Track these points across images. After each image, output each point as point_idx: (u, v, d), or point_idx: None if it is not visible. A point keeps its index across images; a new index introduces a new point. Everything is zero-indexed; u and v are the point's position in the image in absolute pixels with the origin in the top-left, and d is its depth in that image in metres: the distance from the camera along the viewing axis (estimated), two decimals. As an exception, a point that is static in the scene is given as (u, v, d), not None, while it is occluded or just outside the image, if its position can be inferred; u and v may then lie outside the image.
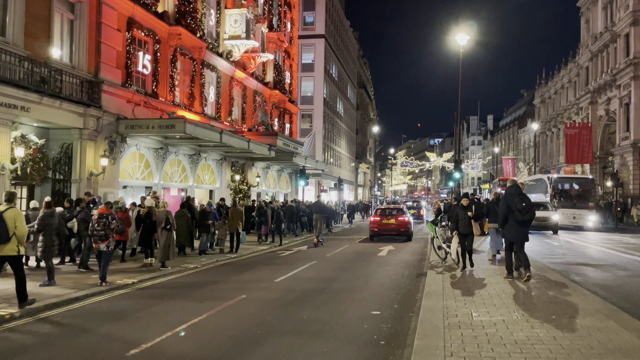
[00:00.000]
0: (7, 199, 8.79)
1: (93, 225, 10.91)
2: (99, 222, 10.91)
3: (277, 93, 32.33)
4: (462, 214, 11.98)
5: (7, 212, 8.46)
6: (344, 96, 63.70)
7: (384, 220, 22.79)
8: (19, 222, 8.46)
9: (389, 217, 22.97)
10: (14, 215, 8.47)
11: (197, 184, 23.33)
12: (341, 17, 62.19)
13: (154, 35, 19.69)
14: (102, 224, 10.93)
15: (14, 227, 8.39)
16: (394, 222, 22.66)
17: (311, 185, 50.12)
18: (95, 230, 10.86)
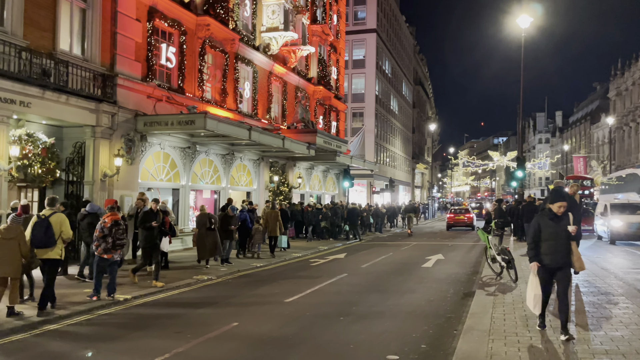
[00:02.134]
0: (49, 203, 9.06)
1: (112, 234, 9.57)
2: (117, 229, 9.61)
3: (322, 89, 30.47)
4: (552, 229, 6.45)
5: (53, 217, 8.81)
6: (398, 93, 61.01)
7: (456, 217, 33.66)
8: (64, 227, 8.88)
9: (459, 214, 34.06)
10: (60, 219, 8.87)
11: (231, 185, 21.86)
12: (395, 11, 59.60)
13: (180, 26, 18.34)
14: (122, 232, 9.70)
15: (60, 231, 8.75)
16: (463, 217, 33.53)
17: (362, 187, 48.07)
18: (118, 239, 9.62)
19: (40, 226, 8.66)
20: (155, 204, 12.28)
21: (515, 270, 10.76)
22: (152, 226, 11.54)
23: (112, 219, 9.85)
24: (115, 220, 9.81)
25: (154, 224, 11.59)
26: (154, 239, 11.57)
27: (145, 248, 11.59)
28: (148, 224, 11.60)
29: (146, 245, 11.58)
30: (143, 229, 11.71)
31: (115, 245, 9.69)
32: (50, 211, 8.93)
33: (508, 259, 10.93)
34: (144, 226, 11.67)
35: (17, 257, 8.22)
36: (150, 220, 11.67)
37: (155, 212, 11.87)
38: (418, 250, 19.67)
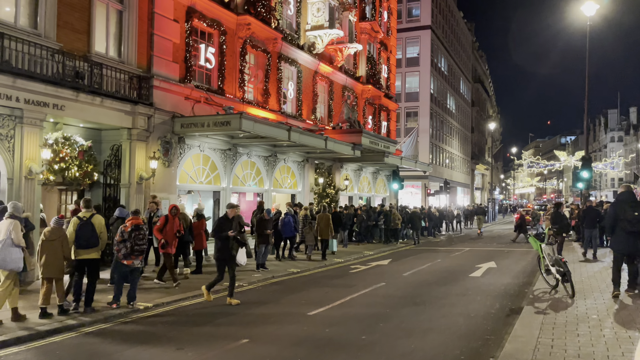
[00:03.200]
0: (86, 205, 9.39)
1: (131, 239, 9.24)
2: (137, 234, 9.28)
3: (371, 88, 29.51)
4: None
5: (94, 218, 9.14)
6: (455, 91, 58.86)
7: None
8: (103, 228, 9.27)
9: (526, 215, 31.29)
10: (100, 220, 9.24)
11: (274, 187, 21.38)
12: (451, 7, 57.57)
13: (219, 26, 18.04)
14: (142, 237, 9.35)
15: (100, 232, 9.10)
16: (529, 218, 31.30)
17: (417, 189, 46.60)
18: (137, 244, 9.27)
19: (86, 227, 9.01)
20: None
21: (571, 284, 9.49)
22: (227, 236, 9.96)
23: (133, 223, 9.51)
24: (135, 225, 9.46)
25: (231, 233, 9.95)
26: (230, 250, 10.13)
27: (219, 260, 10.14)
28: (224, 234, 9.98)
29: (220, 257, 10.10)
30: (217, 239, 10.14)
31: (133, 250, 9.32)
32: (89, 212, 9.27)
33: (563, 271, 9.66)
34: (218, 236, 10.07)
35: (60, 258, 8.60)
36: (225, 228, 10.02)
37: (231, 219, 10.21)
38: (469, 257, 18.37)
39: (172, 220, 12.07)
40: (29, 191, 11.83)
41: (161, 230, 11.94)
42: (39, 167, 11.94)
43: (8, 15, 11.75)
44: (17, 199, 11.55)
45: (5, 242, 7.90)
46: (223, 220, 10.22)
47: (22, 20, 12.04)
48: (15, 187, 11.60)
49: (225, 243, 10.00)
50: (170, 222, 12.03)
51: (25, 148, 11.71)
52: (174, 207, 12.32)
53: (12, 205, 8.44)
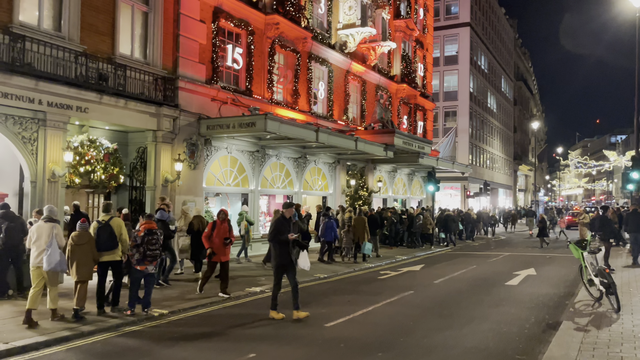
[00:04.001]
0: (105, 209, 9.50)
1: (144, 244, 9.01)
2: (150, 239, 9.04)
3: (406, 87, 28.73)
4: None
5: (113, 221, 9.24)
6: (496, 90, 57.04)
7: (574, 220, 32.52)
8: (124, 230, 9.34)
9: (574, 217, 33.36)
10: (119, 223, 9.30)
11: (304, 189, 20.98)
12: (491, 2, 55.83)
13: (247, 26, 17.79)
14: (155, 242, 9.09)
15: (119, 234, 9.18)
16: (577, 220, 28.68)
17: (456, 190, 45.37)
18: (149, 249, 9.03)
19: (105, 230, 9.13)
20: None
21: (617, 297, 8.63)
22: (287, 240, 8.84)
23: (146, 227, 9.24)
24: (148, 229, 9.19)
25: (291, 236, 8.82)
26: (289, 256, 8.95)
27: (278, 267, 9.00)
28: (283, 237, 8.83)
29: (280, 264, 8.96)
30: (276, 244, 8.97)
31: (146, 256, 9.05)
32: (107, 216, 9.35)
33: (608, 282, 8.80)
34: (277, 240, 8.90)
35: (90, 261, 8.83)
36: (284, 230, 8.87)
37: (288, 220, 9.15)
38: (507, 263, 17.42)
39: (219, 226, 10.86)
40: (52, 194, 11.80)
41: (209, 238, 10.77)
42: (62, 170, 11.90)
43: (32, 18, 11.76)
44: (41, 202, 11.55)
45: (51, 244, 8.27)
46: (280, 221, 9.02)
47: (46, 23, 12.05)
48: (38, 190, 11.59)
49: (284, 248, 8.84)
50: (218, 229, 10.81)
51: (49, 151, 11.69)
52: (222, 211, 11.20)
53: (48, 209, 8.74)
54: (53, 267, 8.24)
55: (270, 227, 9.18)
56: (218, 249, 10.74)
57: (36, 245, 8.38)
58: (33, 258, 8.42)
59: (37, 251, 8.35)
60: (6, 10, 10.98)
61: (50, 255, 8.20)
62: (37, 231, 8.45)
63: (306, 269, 9.42)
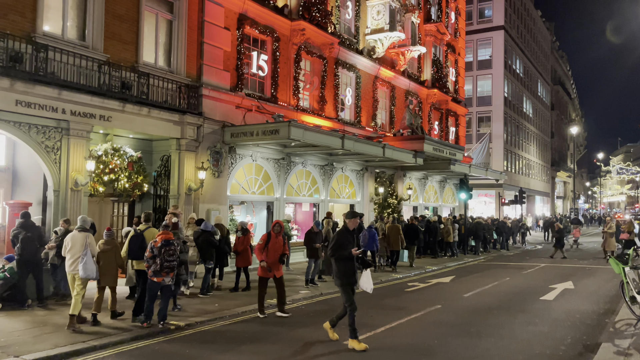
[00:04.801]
0: (145, 219, 10.07)
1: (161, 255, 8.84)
2: (167, 250, 8.87)
3: (437, 92, 28.08)
4: None
5: (147, 231, 9.84)
6: (532, 95, 55.46)
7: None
8: None
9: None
10: (153, 234, 9.67)
11: (331, 197, 20.60)
12: (527, 6, 54.41)
13: (272, 33, 17.63)
14: (172, 253, 8.92)
15: None
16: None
17: (490, 198, 44.21)
18: (167, 261, 8.86)
19: (135, 239, 9.67)
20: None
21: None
22: (350, 256, 7.80)
23: (163, 237, 9.04)
24: (166, 240, 8.99)
25: (355, 252, 7.77)
26: (355, 274, 7.90)
27: (345, 286, 7.81)
28: (346, 252, 7.72)
29: (346, 282, 7.79)
30: (338, 260, 7.85)
31: (163, 267, 8.84)
32: (145, 226, 9.98)
33: (652, 301, 8.09)
34: (339, 255, 7.80)
35: (114, 267, 9.20)
36: (347, 244, 7.77)
37: (352, 232, 8.04)
38: (543, 275, 16.60)
39: (274, 239, 9.99)
40: (75, 203, 11.81)
41: (262, 251, 9.98)
42: (85, 179, 11.90)
43: (56, 28, 11.85)
44: (64, 210, 11.59)
45: (85, 253, 8.72)
46: (343, 234, 7.91)
47: (70, 32, 12.13)
48: (61, 199, 11.62)
49: (349, 264, 7.78)
50: (272, 242, 9.96)
51: (72, 160, 11.72)
52: (277, 223, 10.27)
53: (81, 219, 9.21)
54: (88, 275, 8.69)
55: (331, 240, 8.07)
56: (273, 264, 9.91)
57: (70, 253, 8.88)
58: (68, 265, 8.95)
59: (72, 259, 8.85)
60: (30, 21, 11.08)
61: (85, 263, 8.67)
62: (72, 240, 8.94)
63: (368, 291, 8.06)
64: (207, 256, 12.08)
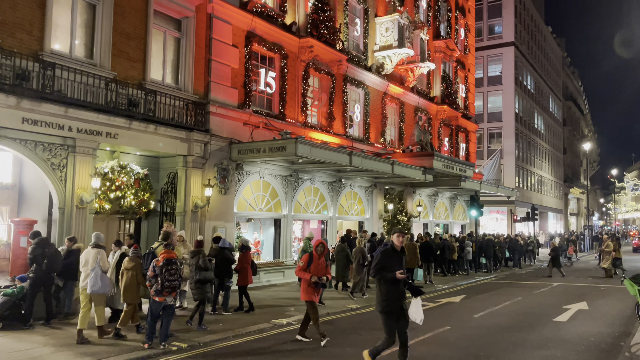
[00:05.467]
0: (164, 237, 9.96)
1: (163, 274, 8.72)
2: (169, 269, 8.74)
3: (446, 108, 27.92)
4: None
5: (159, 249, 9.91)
6: (544, 110, 55.10)
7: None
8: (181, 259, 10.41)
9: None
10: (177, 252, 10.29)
11: (339, 214, 20.41)
12: (537, 22, 54.35)
13: (280, 50, 17.66)
14: (174, 272, 8.79)
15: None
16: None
17: (502, 214, 43.72)
18: (168, 280, 8.72)
19: (148, 257, 10.07)
20: None
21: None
22: (394, 278, 6.89)
23: (165, 257, 8.92)
24: (167, 259, 8.86)
25: (400, 275, 6.87)
26: (400, 300, 7.04)
27: (388, 314, 7.04)
28: (390, 274, 6.90)
29: (389, 309, 7.02)
30: (381, 282, 7.03)
31: (164, 287, 8.70)
32: (157, 243, 10.39)
33: (669, 324, 7.77)
34: (381, 276, 6.97)
35: (133, 286, 9.33)
36: (392, 265, 6.95)
37: (399, 252, 7.19)
38: (556, 295, 16.19)
39: (317, 260, 9.24)
40: (80, 220, 11.75)
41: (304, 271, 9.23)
42: (90, 196, 11.85)
43: (64, 46, 11.93)
44: (69, 228, 11.53)
45: (95, 269, 9.05)
46: (387, 253, 7.06)
47: (77, 50, 12.19)
48: (66, 216, 11.56)
49: (393, 289, 6.94)
50: (315, 263, 9.21)
51: (77, 177, 11.68)
52: (321, 243, 9.40)
53: (95, 236, 9.52)
54: (95, 290, 9.02)
55: (374, 259, 7.18)
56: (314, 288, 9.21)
57: (84, 269, 9.24)
58: (81, 281, 9.31)
59: (84, 274, 9.20)
60: (38, 39, 11.15)
61: (92, 278, 9.01)
62: (85, 256, 9.31)
63: (418, 322, 7.21)
64: (227, 274, 11.94)
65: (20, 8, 10.89)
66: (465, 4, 32.60)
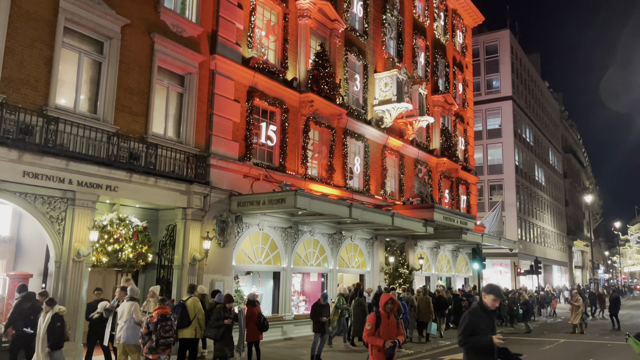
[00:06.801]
0: (189, 290, 11.28)
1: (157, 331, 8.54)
2: (164, 325, 8.57)
3: (446, 161, 28.13)
4: None
5: (189, 300, 10.98)
6: (544, 163, 55.49)
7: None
8: (198, 310, 10.96)
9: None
10: (195, 303, 10.95)
11: (339, 267, 20.16)
12: (534, 77, 55.68)
13: (281, 104, 18.01)
14: (169, 329, 8.61)
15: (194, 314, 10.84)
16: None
17: (505, 267, 43.18)
18: (162, 337, 8.53)
19: (177, 309, 10.72)
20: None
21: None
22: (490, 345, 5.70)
23: (160, 312, 8.77)
24: (162, 315, 8.71)
25: (498, 340, 5.68)
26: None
27: None
28: (484, 340, 5.72)
29: None
30: (471, 351, 5.83)
31: (159, 344, 8.50)
32: (187, 296, 11.17)
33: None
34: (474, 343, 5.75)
35: None
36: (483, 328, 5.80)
37: (490, 313, 5.97)
38: (562, 353, 15.74)
39: (385, 319, 7.75)
40: (76, 274, 11.62)
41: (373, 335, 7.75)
42: (87, 250, 11.77)
43: (68, 101, 12.20)
44: (64, 282, 11.41)
45: (129, 321, 9.64)
46: (477, 314, 5.91)
47: (81, 105, 12.45)
48: (62, 270, 11.44)
49: (487, 358, 5.86)
50: (384, 323, 7.72)
51: (75, 230, 11.64)
52: (389, 299, 7.84)
53: (130, 290, 10.12)
54: (128, 341, 9.58)
55: (461, 323, 5.94)
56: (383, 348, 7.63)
57: (121, 321, 9.79)
58: (117, 332, 9.91)
59: (119, 327, 9.82)
60: (43, 94, 11.41)
61: (125, 329, 9.63)
62: (121, 309, 9.92)
63: None
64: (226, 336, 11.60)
65: (27, 65, 11.21)
66: (463, 60, 33.50)
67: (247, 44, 16.95)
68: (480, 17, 35.19)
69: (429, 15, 29.19)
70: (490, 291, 5.95)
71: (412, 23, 27.25)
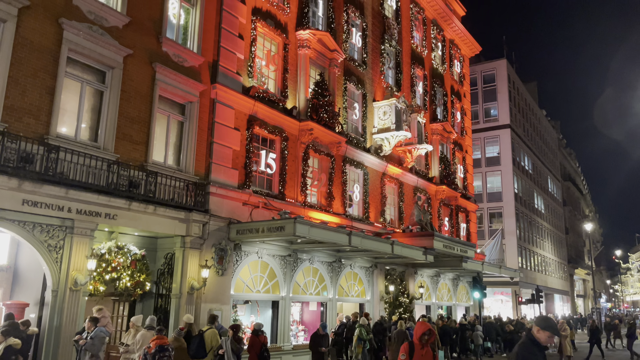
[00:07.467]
0: (209, 320, 11.67)
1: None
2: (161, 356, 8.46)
3: (445, 189, 28.17)
4: None
5: (207, 332, 11.17)
6: (543, 191, 55.56)
7: None
8: (215, 341, 11.03)
9: None
10: (212, 334, 11.05)
11: (339, 296, 19.97)
12: (532, 106, 56.25)
13: (281, 133, 18.14)
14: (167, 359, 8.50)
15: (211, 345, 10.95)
16: None
17: (506, 296, 42.79)
18: None
19: (194, 339, 10.98)
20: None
21: None
22: None
23: (158, 343, 8.67)
24: (160, 345, 8.62)
25: None
26: None
27: None
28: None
29: None
30: None
31: None
32: (207, 327, 11.39)
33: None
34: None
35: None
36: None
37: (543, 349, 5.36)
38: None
39: (419, 350, 7.45)
40: (73, 303, 11.51)
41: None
42: (85, 278, 11.68)
43: (69, 130, 12.28)
44: (60, 311, 11.29)
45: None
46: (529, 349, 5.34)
47: (82, 134, 12.53)
48: (59, 299, 11.33)
49: None
50: (417, 354, 7.41)
51: (73, 258, 11.58)
52: (428, 330, 7.52)
53: (150, 319, 10.69)
54: None
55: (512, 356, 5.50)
56: None
57: (140, 350, 9.90)
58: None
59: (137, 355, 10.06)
60: (44, 123, 11.50)
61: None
62: (141, 338, 10.12)
63: None
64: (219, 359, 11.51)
65: (30, 94, 11.34)
66: (461, 89, 33.89)
67: (248, 74, 17.17)
68: (477, 47, 35.74)
69: (427, 46, 29.66)
70: (546, 327, 5.36)
71: (410, 53, 27.67)
